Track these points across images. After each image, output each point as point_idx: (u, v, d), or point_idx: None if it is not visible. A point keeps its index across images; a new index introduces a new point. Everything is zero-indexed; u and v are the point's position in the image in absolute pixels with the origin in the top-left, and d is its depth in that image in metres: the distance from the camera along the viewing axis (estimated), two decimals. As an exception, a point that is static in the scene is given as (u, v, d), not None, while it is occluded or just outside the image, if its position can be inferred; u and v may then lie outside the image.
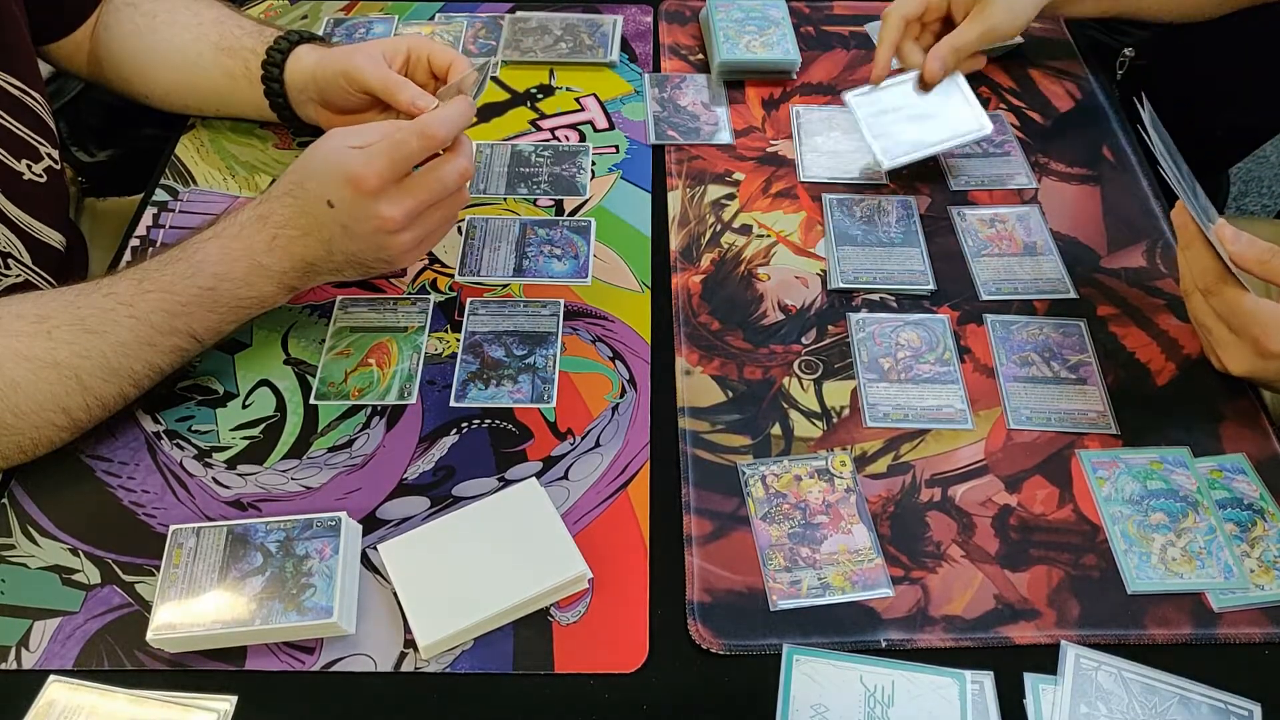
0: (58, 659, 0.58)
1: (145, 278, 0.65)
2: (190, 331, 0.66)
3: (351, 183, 0.64)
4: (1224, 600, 0.61)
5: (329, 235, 0.67)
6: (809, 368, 0.74)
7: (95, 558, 0.63)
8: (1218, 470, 0.67)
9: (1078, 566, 0.63)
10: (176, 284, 0.65)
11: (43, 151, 0.79)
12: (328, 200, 0.65)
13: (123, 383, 0.65)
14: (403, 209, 0.66)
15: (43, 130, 0.80)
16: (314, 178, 0.66)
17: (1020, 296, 0.79)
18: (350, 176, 0.64)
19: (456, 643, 0.59)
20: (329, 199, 0.65)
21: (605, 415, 0.71)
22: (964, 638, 0.60)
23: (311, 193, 0.66)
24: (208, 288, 0.66)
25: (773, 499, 0.66)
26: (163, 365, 0.67)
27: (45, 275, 0.80)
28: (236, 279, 0.66)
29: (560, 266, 0.80)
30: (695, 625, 0.60)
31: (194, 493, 0.66)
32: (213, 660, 0.58)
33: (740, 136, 0.92)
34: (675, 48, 1.01)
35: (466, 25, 1.02)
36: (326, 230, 0.67)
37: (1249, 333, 0.64)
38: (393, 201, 0.65)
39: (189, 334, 0.66)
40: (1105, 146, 0.91)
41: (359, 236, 0.67)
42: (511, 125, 0.93)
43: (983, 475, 0.68)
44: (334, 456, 0.68)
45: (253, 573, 0.59)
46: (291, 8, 1.05)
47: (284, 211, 0.67)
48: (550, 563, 0.60)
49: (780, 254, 0.82)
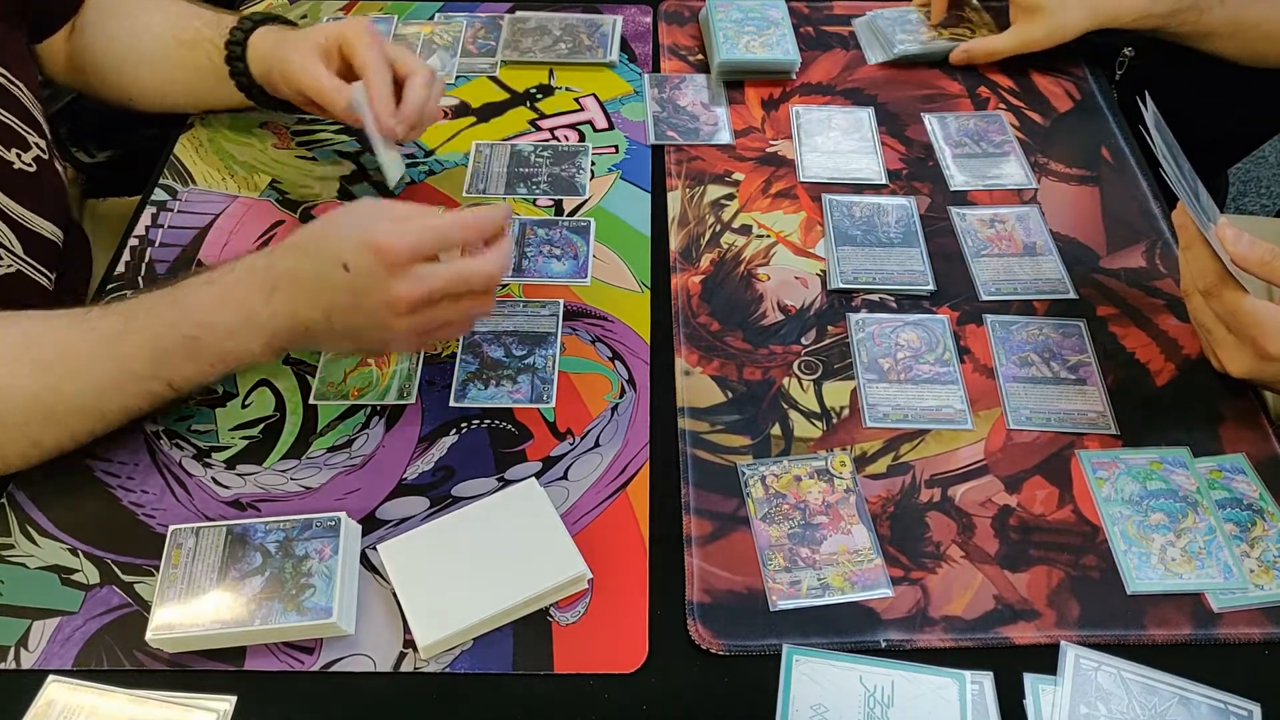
0: (57, 659, 0.58)
1: (132, 318, 0.63)
2: (168, 379, 0.64)
3: (375, 249, 0.61)
4: (1224, 600, 0.61)
5: (333, 300, 0.63)
6: (809, 368, 0.74)
7: (94, 558, 0.63)
8: (1217, 470, 0.67)
9: (1077, 567, 0.63)
10: (161, 330, 0.63)
11: (31, 141, 0.78)
12: (344, 263, 0.62)
13: (93, 421, 0.64)
14: (417, 291, 0.62)
15: (30, 121, 0.79)
16: (336, 237, 0.63)
17: (1020, 297, 0.79)
18: (376, 243, 0.61)
19: (456, 643, 0.59)
20: (346, 261, 0.62)
21: (605, 415, 0.71)
22: (964, 638, 0.60)
23: (328, 251, 0.63)
24: (191, 335, 0.63)
25: (772, 499, 0.66)
26: (135, 408, 0.65)
27: (39, 266, 0.79)
28: (223, 329, 0.63)
29: (560, 266, 0.80)
30: (695, 625, 0.60)
31: (193, 493, 0.66)
32: (212, 660, 0.58)
33: (740, 137, 0.92)
34: (675, 48, 1.01)
35: (466, 25, 1.02)
36: (332, 295, 0.63)
37: (1248, 334, 0.64)
38: (410, 280, 0.62)
39: (166, 382, 0.64)
40: (1104, 147, 0.91)
41: (364, 309, 0.63)
42: (511, 125, 0.92)
43: (982, 475, 0.68)
44: (333, 456, 0.68)
45: (252, 573, 0.59)
46: (291, 7, 1.04)
47: (290, 264, 0.64)
48: (550, 563, 0.60)
49: (780, 254, 0.82)
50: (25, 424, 0.62)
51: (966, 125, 0.93)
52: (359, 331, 0.64)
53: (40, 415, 0.62)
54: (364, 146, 0.89)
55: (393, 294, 0.61)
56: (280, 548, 0.60)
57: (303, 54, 0.76)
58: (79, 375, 0.62)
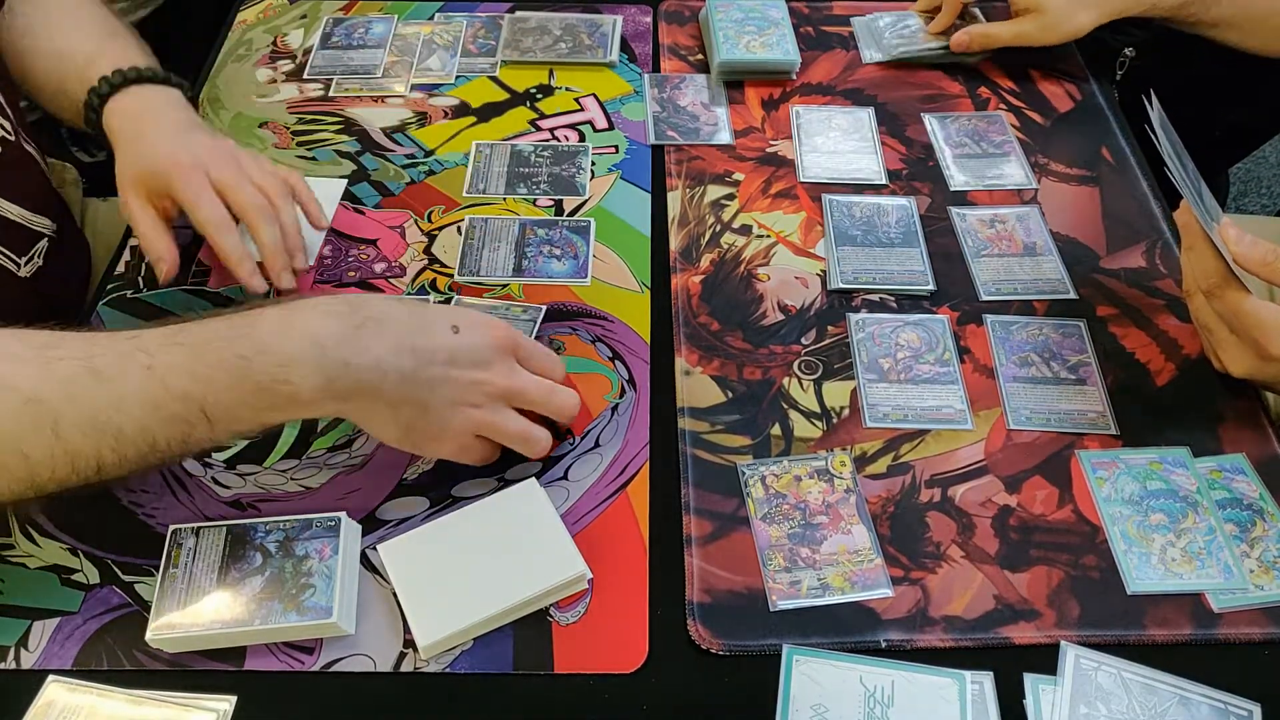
0: (57, 659, 0.58)
1: (181, 330, 0.57)
2: (201, 404, 0.55)
3: (492, 327, 0.61)
4: (1224, 600, 0.61)
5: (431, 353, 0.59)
6: (809, 368, 0.74)
7: (94, 557, 0.63)
8: (1217, 470, 0.67)
9: (1077, 567, 0.63)
10: (210, 342, 0.56)
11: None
12: (454, 325, 0.60)
13: (101, 443, 0.54)
14: (507, 383, 0.61)
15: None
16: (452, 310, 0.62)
17: (1020, 297, 0.79)
18: (495, 322, 0.62)
19: (456, 643, 0.59)
20: (456, 324, 0.60)
21: (605, 415, 0.71)
22: (964, 638, 0.60)
23: (432, 310, 0.61)
24: (242, 355, 0.55)
25: (772, 499, 0.66)
26: (157, 436, 0.55)
27: (10, 254, 0.75)
28: (281, 355, 0.55)
29: (560, 266, 0.80)
30: (695, 625, 0.60)
31: (193, 492, 0.66)
32: (212, 660, 0.58)
33: (740, 137, 0.92)
34: (675, 48, 1.01)
35: (466, 25, 1.02)
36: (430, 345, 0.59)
37: (1250, 335, 0.64)
38: (505, 374, 0.61)
39: (200, 406, 0.55)
40: (1105, 147, 0.91)
41: (445, 379, 0.59)
42: (511, 125, 0.92)
43: (982, 475, 0.68)
44: (333, 456, 0.68)
45: (252, 573, 0.59)
46: (291, 7, 1.05)
47: (381, 308, 0.59)
48: (550, 563, 0.60)
49: (780, 254, 0.82)
50: (19, 433, 0.53)
51: (966, 125, 0.93)
52: (429, 405, 0.59)
53: (41, 425, 0.53)
54: None
55: (485, 375, 0.60)
56: (280, 548, 0.60)
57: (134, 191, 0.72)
58: (107, 384, 0.54)
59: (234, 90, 0.96)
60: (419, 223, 0.83)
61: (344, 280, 0.79)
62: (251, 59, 0.99)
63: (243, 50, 1.00)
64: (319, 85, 0.96)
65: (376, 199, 0.86)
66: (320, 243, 0.81)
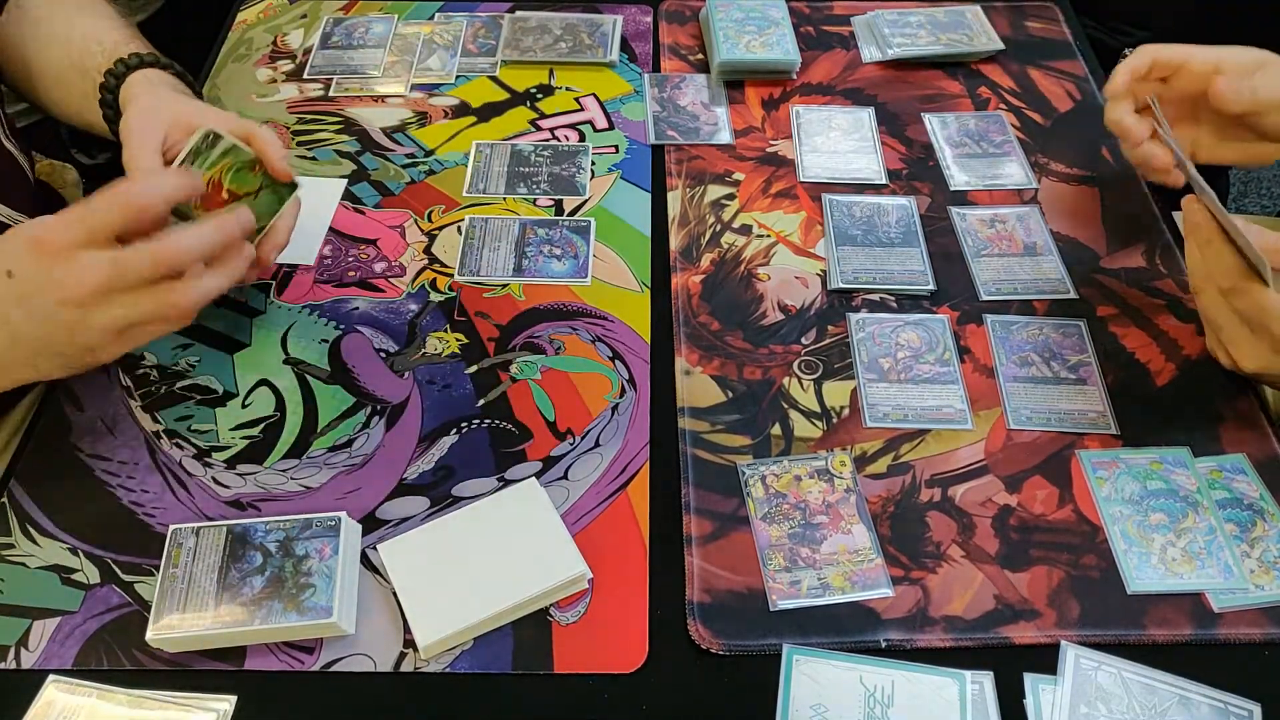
0: (57, 659, 0.58)
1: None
2: None
3: (32, 244, 0.56)
4: (1224, 600, 0.61)
5: (5, 315, 0.57)
6: (809, 368, 0.74)
7: (95, 557, 0.63)
8: (1218, 470, 0.67)
9: (1078, 567, 0.63)
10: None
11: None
12: (7, 270, 0.56)
13: None
14: (88, 279, 0.56)
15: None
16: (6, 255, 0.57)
17: (1020, 297, 0.79)
18: (31, 237, 0.56)
19: (456, 643, 0.59)
20: (9, 268, 0.56)
21: (605, 415, 0.71)
22: (964, 638, 0.60)
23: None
24: None
25: (773, 499, 0.66)
26: None
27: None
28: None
29: (560, 266, 0.80)
30: (695, 625, 0.60)
31: (193, 492, 0.66)
32: (212, 660, 0.58)
33: (740, 136, 0.92)
34: (675, 48, 1.01)
35: (466, 24, 1.02)
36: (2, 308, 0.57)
37: (1270, 330, 0.63)
38: (77, 269, 0.56)
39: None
40: (1104, 147, 0.91)
41: (41, 315, 0.57)
42: (511, 125, 0.92)
43: (983, 475, 0.68)
44: (334, 456, 0.68)
45: (252, 572, 0.59)
46: (291, 7, 1.05)
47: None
48: (550, 563, 0.60)
49: (780, 254, 0.82)
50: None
51: (967, 125, 0.93)
52: (52, 343, 0.59)
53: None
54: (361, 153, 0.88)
55: (64, 285, 0.56)
56: (280, 547, 0.60)
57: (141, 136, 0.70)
58: None
59: (234, 90, 0.95)
60: (419, 222, 0.83)
61: (344, 280, 0.79)
62: (251, 59, 0.99)
63: (243, 50, 1.00)
64: (319, 85, 0.96)
65: (376, 199, 0.86)
66: (320, 242, 0.81)
